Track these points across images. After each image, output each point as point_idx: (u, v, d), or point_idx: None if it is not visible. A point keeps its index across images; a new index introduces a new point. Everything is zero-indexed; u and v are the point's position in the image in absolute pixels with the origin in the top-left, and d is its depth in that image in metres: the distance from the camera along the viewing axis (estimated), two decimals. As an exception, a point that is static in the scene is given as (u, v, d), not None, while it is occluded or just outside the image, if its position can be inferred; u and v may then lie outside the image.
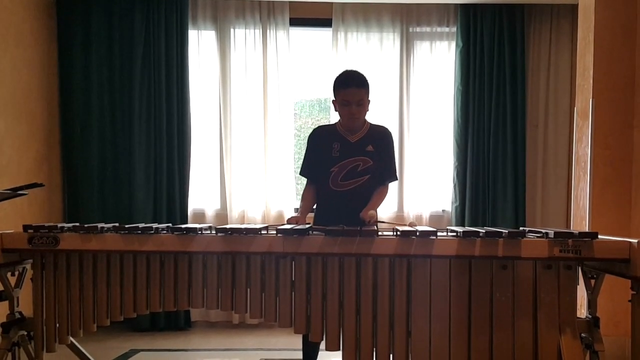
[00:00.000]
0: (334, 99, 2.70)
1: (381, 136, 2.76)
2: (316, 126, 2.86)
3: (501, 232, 2.01)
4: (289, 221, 2.55)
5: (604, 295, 2.19)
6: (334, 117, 4.48)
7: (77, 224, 2.27)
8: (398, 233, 2.05)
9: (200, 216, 4.43)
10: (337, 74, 2.72)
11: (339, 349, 2.11)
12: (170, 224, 2.33)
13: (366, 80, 2.66)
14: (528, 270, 2.04)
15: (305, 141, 2.86)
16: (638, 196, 3.29)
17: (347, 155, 2.67)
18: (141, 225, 2.23)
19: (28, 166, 3.88)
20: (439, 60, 4.54)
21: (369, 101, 2.69)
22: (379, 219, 2.51)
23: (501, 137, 4.42)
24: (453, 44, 4.49)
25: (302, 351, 2.74)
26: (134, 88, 4.27)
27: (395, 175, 2.82)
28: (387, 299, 2.08)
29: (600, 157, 3.32)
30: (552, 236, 1.99)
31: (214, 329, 4.39)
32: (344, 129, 2.72)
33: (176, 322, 4.33)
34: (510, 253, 1.99)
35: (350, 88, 2.61)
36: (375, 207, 2.60)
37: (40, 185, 2.36)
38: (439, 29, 4.52)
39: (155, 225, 2.25)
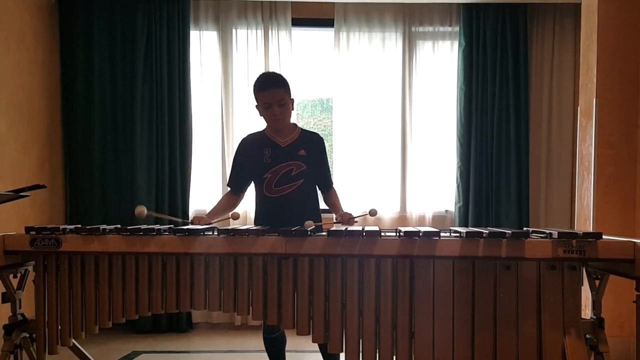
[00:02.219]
0: (256, 104, 2.62)
1: (314, 142, 2.69)
2: (245, 135, 2.77)
3: (505, 232, 1.99)
4: (193, 220, 2.50)
5: (608, 296, 2.17)
6: (336, 118, 4.48)
7: (79, 225, 2.26)
8: (401, 234, 2.04)
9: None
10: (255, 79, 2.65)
11: (341, 351, 2.10)
12: (172, 225, 2.32)
13: (284, 80, 2.60)
14: (532, 270, 2.03)
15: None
16: (642, 196, 3.28)
17: (280, 160, 2.60)
18: (143, 226, 2.22)
19: (30, 167, 3.88)
20: (441, 60, 4.53)
21: (292, 100, 2.63)
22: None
23: (504, 137, 4.41)
24: (456, 44, 4.48)
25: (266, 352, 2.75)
26: (135, 89, 4.27)
27: (332, 182, 2.80)
28: (390, 300, 2.07)
29: (604, 157, 3.30)
30: (556, 236, 1.97)
31: (216, 331, 4.38)
32: (272, 133, 2.65)
33: (178, 324, 4.33)
34: (513, 254, 1.97)
35: (268, 89, 2.54)
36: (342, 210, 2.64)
37: (42, 186, 2.35)
38: (441, 29, 4.51)
39: (157, 226, 2.24)
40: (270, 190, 2.61)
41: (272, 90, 2.54)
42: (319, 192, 2.79)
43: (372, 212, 2.40)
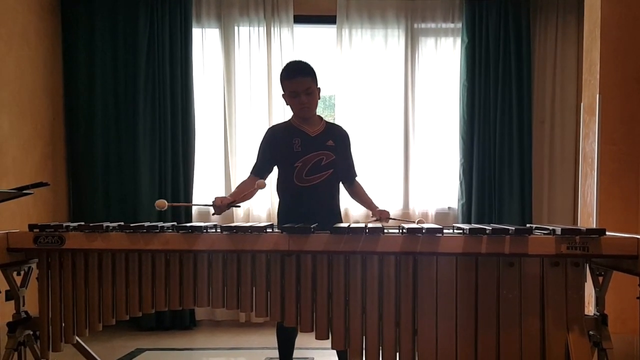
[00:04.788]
0: (282, 92, 2.65)
1: (341, 134, 2.76)
2: (270, 125, 2.78)
3: (508, 229, 1.99)
4: (214, 201, 2.52)
5: (611, 293, 2.17)
6: (338, 114, 4.48)
7: (82, 223, 2.26)
8: (404, 231, 2.04)
9: (205, 214, 4.43)
10: (283, 67, 2.69)
11: (344, 348, 2.10)
12: (175, 223, 2.33)
13: (311, 69, 2.62)
14: (535, 267, 2.02)
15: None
16: (646, 192, 3.27)
17: (310, 150, 2.63)
18: (146, 224, 2.22)
19: (33, 165, 3.89)
20: (444, 56, 4.52)
21: (318, 89, 2.64)
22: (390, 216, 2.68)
23: (507, 134, 4.40)
24: (458, 40, 4.47)
25: (277, 349, 2.74)
26: (138, 87, 4.27)
27: (356, 173, 2.87)
28: (393, 297, 2.07)
29: (607, 153, 3.29)
30: (559, 233, 1.97)
31: (219, 328, 4.39)
32: (300, 123, 2.68)
33: (181, 321, 4.34)
34: (517, 250, 1.97)
35: (296, 78, 2.56)
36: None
37: (46, 184, 2.35)
38: (444, 25, 4.49)
39: (160, 224, 2.25)
40: (301, 180, 2.63)
41: (299, 79, 2.57)
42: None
43: (420, 222, 2.52)
